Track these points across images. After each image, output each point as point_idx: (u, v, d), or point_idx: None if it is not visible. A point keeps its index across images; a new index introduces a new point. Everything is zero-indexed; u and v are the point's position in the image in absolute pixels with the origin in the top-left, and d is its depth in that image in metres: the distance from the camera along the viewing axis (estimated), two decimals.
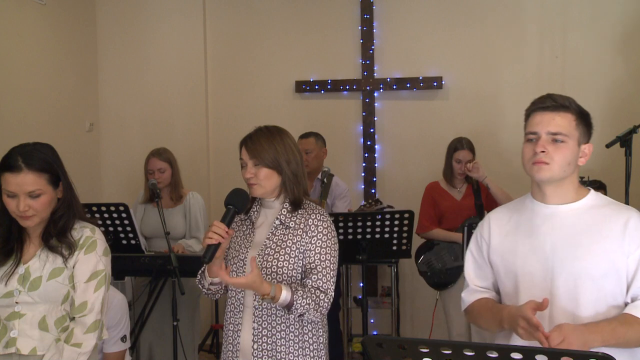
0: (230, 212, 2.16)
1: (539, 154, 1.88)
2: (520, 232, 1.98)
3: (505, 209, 2.11)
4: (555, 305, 1.87)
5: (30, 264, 2.16)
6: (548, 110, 1.92)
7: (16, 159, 2.09)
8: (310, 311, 2.15)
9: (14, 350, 2.10)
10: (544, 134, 1.90)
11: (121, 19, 5.41)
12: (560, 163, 1.89)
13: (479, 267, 2.10)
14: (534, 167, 1.90)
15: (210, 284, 2.27)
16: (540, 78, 4.98)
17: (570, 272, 1.86)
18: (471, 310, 2.10)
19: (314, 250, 2.22)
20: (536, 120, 1.93)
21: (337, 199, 4.22)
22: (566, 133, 1.90)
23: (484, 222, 2.11)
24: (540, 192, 1.97)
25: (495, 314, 1.94)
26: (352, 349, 4.89)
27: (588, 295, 1.86)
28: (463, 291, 2.14)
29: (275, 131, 2.30)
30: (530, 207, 2.00)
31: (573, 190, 1.95)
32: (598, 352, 1.32)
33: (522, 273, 1.94)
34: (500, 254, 2.01)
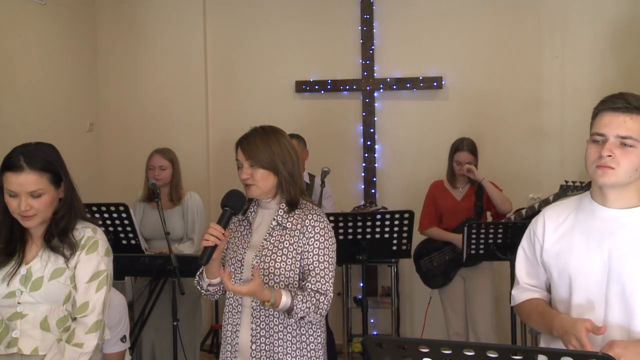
0: (227, 214, 2.16)
1: (605, 158, 1.78)
2: (576, 233, 1.90)
3: (562, 206, 2.01)
4: (609, 313, 1.81)
5: (32, 265, 2.16)
6: (619, 112, 1.80)
7: (18, 159, 2.09)
8: (310, 314, 2.16)
9: (15, 350, 2.11)
10: (612, 136, 1.79)
11: (121, 19, 5.41)
12: (627, 169, 1.78)
13: (530, 265, 2.04)
14: (598, 170, 1.80)
15: (208, 284, 2.27)
16: (540, 78, 4.99)
17: (627, 279, 1.79)
18: (521, 309, 2.05)
19: (311, 252, 2.22)
20: (605, 121, 1.82)
21: (324, 199, 4.21)
22: (637, 137, 1.77)
23: (539, 220, 2.02)
24: (601, 195, 1.87)
25: (547, 320, 1.88)
26: (352, 349, 4.89)
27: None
28: (513, 288, 2.08)
29: (270, 131, 2.29)
30: (589, 208, 1.91)
31: (635, 195, 1.85)
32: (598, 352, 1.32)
33: (576, 276, 1.87)
34: (555, 254, 1.94)
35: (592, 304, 1.83)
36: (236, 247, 2.30)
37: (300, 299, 2.13)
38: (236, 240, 2.32)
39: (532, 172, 4.93)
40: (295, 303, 2.11)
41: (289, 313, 2.14)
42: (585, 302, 1.84)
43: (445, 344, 1.35)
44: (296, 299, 2.12)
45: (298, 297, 2.13)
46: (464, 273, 4.15)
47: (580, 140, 5.20)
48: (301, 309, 2.13)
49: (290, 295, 2.12)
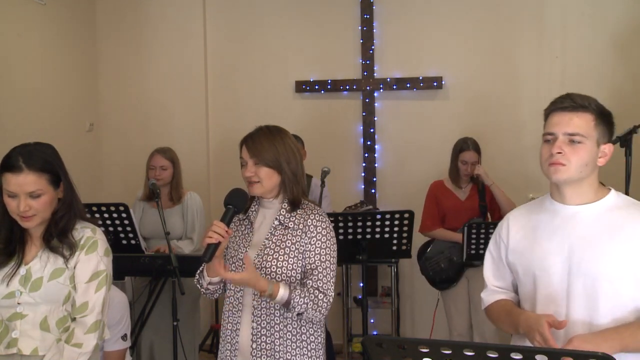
0: (230, 212, 2.17)
1: (556, 155, 1.86)
2: (539, 233, 1.97)
3: (524, 209, 2.09)
4: (572, 308, 1.87)
5: (32, 265, 2.16)
6: (566, 111, 1.89)
7: (17, 159, 2.09)
8: (308, 310, 2.16)
9: (15, 351, 2.11)
10: (561, 134, 1.88)
11: (121, 19, 5.41)
12: (577, 164, 1.86)
13: (497, 268, 2.11)
14: (551, 168, 1.88)
15: (208, 283, 2.28)
16: (540, 78, 4.99)
17: (588, 273, 1.85)
18: (490, 311, 2.10)
19: (313, 251, 2.22)
20: (554, 120, 1.91)
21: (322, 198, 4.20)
22: (584, 134, 1.86)
23: (503, 223, 2.10)
24: (558, 193, 1.95)
25: (513, 319, 1.94)
26: (352, 349, 4.89)
27: (606, 297, 1.84)
28: (482, 292, 2.14)
29: (275, 131, 2.30)
30: (549, 207, 1.98)
31: (592, 191, 1.93)
32: (598, 352, 1.32)
33: (540, 273, 1.93)
34: (519, 254, 2.00)
35: (555, 300, 1.89)
36: (237, 246, 2.31)
37: (298, 293, 2.14)
38: (237, 240, 2.32)
39: (532, 172, 4.93)
40: (293, 297, 2.12)
41: (286, 307, 2.14)
42: (549, 298, 1.90)
43: (445, 344, 1.35)
44: (294, 293, 2.13)
45: (296, 291, 2.14)
46: (468, 273, 4.12)
47: None
48: (299, 304, 2.13)
49: (288, 288, 2.13)
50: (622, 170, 3.65)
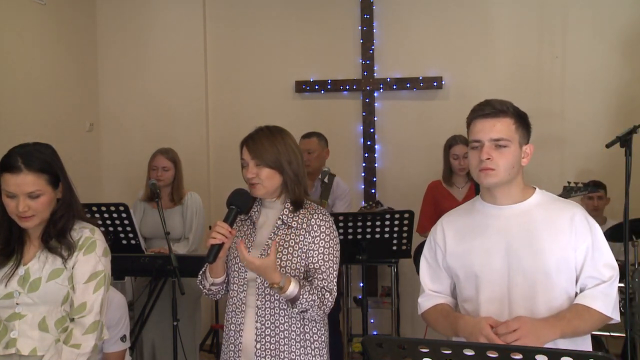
0: (233, 212, 2.17)
1: (485, 161, 1.95)
2: (474, 235, 2.04)
3: (456, 213, 2.17)
4: (513, 303, 1.94)
5: (30, 265, 2.16)
6: (488, 117, 1.98)
7: (16, 160, 2.08)
8: (314, 308, 2.15)
9: (14, 351, 2.11)
10: (486, 141, 1.96)
11: (121, 19, 5.41)
12: (506, 167, 1.96)
13: (433, 272, 2.15)
14: (481, 174, 1.96)
15: (211, 284, 2.28)
16: (540, 78, 4.99)
17: (526, 269, 1.94)
18: (428, 315, 2.14)
19: (317, 251, 2.22)
20: (478, 127, 1.99)
21: (338, 200, 4.22)
22: (508, 138, 1.96)
23: (437, 228, 2.16)
24: (490, 195, 2.04)
25: (452, 323, 2.00)
26: (352, 349, 4.89)
27: (543, 290, 1.93)
28: (420, 296, 2.17)
29: (276, 131, 2.30)
30: (481, 209, 2.07)
31: (519, 191, 2.03)
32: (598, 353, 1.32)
33: (481, 274, 2.00)
34: (458, 257, 2.06)
35: (498, 298, 1.97)
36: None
37: (307, 289, 2.13)
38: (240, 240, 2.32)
39: (532, 171, 4.91)
40: (302, 293, 2.11)
41: (293, 302, 2.13)
42: (492, 297, 1.97)
43: (445, 344, 1.35)
44: (304, 289, 2.12)
45: (306, 287, 2.13)
46: None
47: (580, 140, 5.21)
48: (306, 300, 2.12)
49: (298, 284, 2.12)
50: (622, 170, 3.64)
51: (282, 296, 2.14)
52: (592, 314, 1.91)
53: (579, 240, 1.94)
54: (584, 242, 1.95)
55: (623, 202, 3.30)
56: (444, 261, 2.11)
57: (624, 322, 3.21)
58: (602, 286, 1.93)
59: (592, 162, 4.78)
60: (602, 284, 1.93)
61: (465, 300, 2.07)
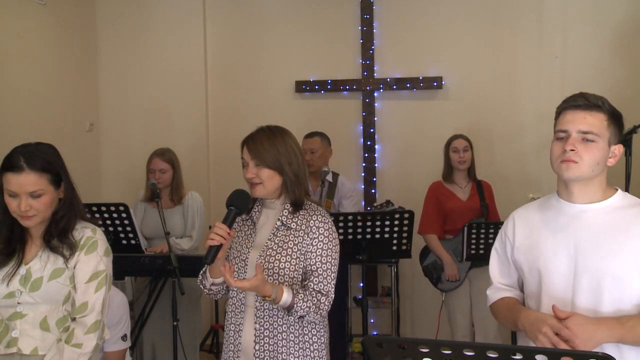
0: (232, 213, 2.16)
1: (568, 152, 1.86)
2: (545, 230, 1.97)
3: (530, 207, 2.09)
4: (577, 305, 1.87)
5: (32, 265, 2.16)
6: (580, 109, 1.90)
7: (18, 159, 2.09)
8: (310, 313, 2.16)
9: (15, 350, 2.11)
10: (574, 132, 1.88)
11: (121, 19, 5.41)
12: (589, 162, 1.87)
13: (502, 265, 2.11)
14: (562, 165, 1.88)
15: (211, 284, 2.28)
16: (540, 78, 4.99)
17: (594, 271, 1.86)
18: (495, 307, 2.11)
19: (315, 252, 2.22)
20: (567, 118, 1.91)
21: (344, 199, 4.22)
22: (597, 132, 1.87)
23: (509, 221, 2.10)
24: (566, 191, 1.95)
25: (514, 314, 1.95)
26: (352, 349, 4.89)
27: (611, 295, 1.85)
28: (488, 289, 2.15)
29: (277, 131, 2.29)
30: (556, 205, 1.99)
31: (600, 190, 1.93)
32: (598, 352, 1.32)
33: (545, 270, 1.94)
34: (524, 251, 2.01)
35: (560, 297, 1.90)
36: (240, 246, 2.31)
37: (301, 297, 2.13)
38: (240, 240, 2.32)
39: (533, 171, 4.93)
40: (296, 301, 2.12)
41: (289, 310, 2.14)
42: (554, 295, 1.91)
43: (445, 344, 1.35)
44: (297, 297, 2.13)
45: (299, 295, 2.14)
46: (471, 274, 4.08)
47: None
48: (301, 308, 2.13)
49: (291, 292, 2.12)
50: (622, 170, 3.65)
51: (277, 306, 2.15)
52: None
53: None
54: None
55: None
56: (512, 255, 2.06)
57: None
58: None
59: None
60: None
61: (528, 296, 2.02)
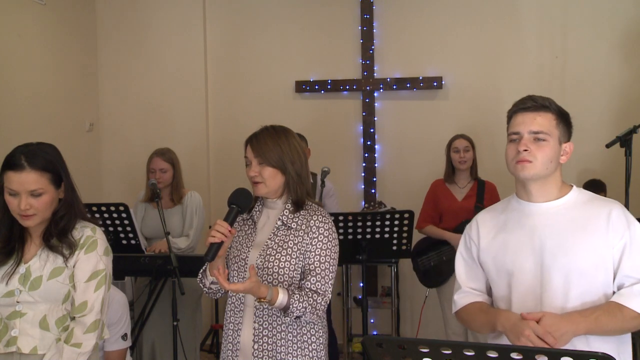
0: (233, 212, 2.17)
1: (522, 153, 1.95)
2: (508, 231, 2.02)
3: (492, 210, 2.15)
4: (546, 301, 1.92)
5: (31, 264, 2.16)
6: (529, 111, 1.99)
7: (19, 158, 2.10)
8: (306, 314, 2.16)
9: (14, 349, 2.11)
10: (526, 133, 1.97)
11: (121, 19, 5.41)
12: (543, 161, 1.95)
13: (470, 269, 2.14)
14: (518, 165, 1.96)
15: (211, 282, 2.28)
16: (540, 78, 4.99)
17: (561, 267, 1.91)
18: (464, 312, 2.13)
19: (314, 252, 2.22)
20: (518, 120, 2.00)
21: (326, 198, 4.20)
22: (547, 132, 1.96)
23: (472, 224, 2.15)
24: (525, 192, 2.02)
25: (491, 317, 1.97)
26: (352, 349, 4.89)
27: (578, 290, 1.91)
28: (455, 293, 2.16)
29: (280, 131, 2.30)
30: (516, 206, 2.05)
31: (556, 188, 2.01)
32: (598, 352, 1.32)
33: (514, 271, 1.98)
34: (492, 254, 2.05)
35: (530, 296, 1.94)
36: (240, 246, 2.31)
37: (297, 298, 2.13)
38: (240, 239, 2.32)
39: None
40: (292, 302, 2.12)
41: (285, 311, 2.14)
42: (524, 295, 1.95)
43: (445, 344, 1.35)
44: (293, 298, 2.13)
45: (295, 296, 2.13)
46: None
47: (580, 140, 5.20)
48: (297, 308, 2.13)
49: (287, 293, 2.12)
50: (622, 170, 3.64)
51: (273, 307, 2.15)
52: (626, 313, 1.86)
53: (615, 237, 1.90)
54: (621, 240, 1.90)
55: (623, 202, 3.29)
56: (478, 257, 2.09)
57: None
58: (639, 285, 1.88)
59: (592, 162, 4.78)
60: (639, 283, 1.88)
61: (498, 298, 2.05)
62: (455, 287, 2.18)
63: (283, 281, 2.20)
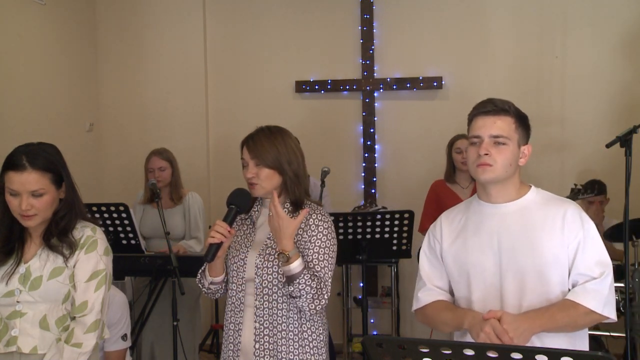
0: (233, 212, 2.17)
1: (483, 157, 1.98)
2: (469, 232, 2.07)
3: (455, 210, 2.20)
4: (505, 300, 1.97)
5: (31, 264, 2.16)
6: (489, 114, 2.03)
7: (20, 158, 2.10)
8: (307, 296, 2.12)
9: (14, 349, 2.11)
10: (486, 137, 2.00)
11: (121, 19, 5.41)
12: (503, 164, 1.98)
13: (434, 267, 2.17)
14: (479, 169, 1.99)
15: (210, 283, 2.28)
16: (540, 78, 4.99)
17: (518, 267, 1.96)
18: (427, 309, 2.16)
19: (312, 250, 2.21)
20: (478, 124, 2.03)
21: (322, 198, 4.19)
22: (507, 135, 2.00)
23: (436, 224, 2.20)
24: (485, 193, 2.07)
25: (458, 316, 2.01)
26: (352, 349, 4.89)
27: (533, 287, 1.95)
28: (419, 291, 2.20)
29: (276, 131, 2.30)
30: (477, 207, 2.10)
31: (515, 189, 2.05)
32: (598, 353, 1.32)
33: (473, 271, 2.02)
34: (453, 254, 2.09)
35: (490, 295, 1.99)
36: (239, 245, 2.31)
37: (309, 276, 2.12)
38: (239, 239, 2.32)
39: (532, 171, 4.93)
40: (304, 274, 2.10)
41: (289, 281, 2.12)
42: (484, 294, 2.00)
43: (445, 344, 1.35)
44: (306, 271, 2.12)
45: (309, 273, 2.13)
46: None
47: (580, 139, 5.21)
48: (304, 283, 2.10)
49: (304, 265, 2.12)
50: (622, 170, 3.64)
51: (284, 269, 2.12)
52: (579, 310, 1.91)
53: (570, 236, 1.95)
54: (575, 239, 1.95)
55: (623, 202, 3.30)
56: (441, 256, 2.14)
57: (624, 323, 3.21)
58: (591, 282, 1.93)
59: (592, 162, 4.78)
60: (592, 281, 1.93)
61: (459, 298, 2.10)
62: (417, 284, 2.22)
63: (283, 281, 2.20)
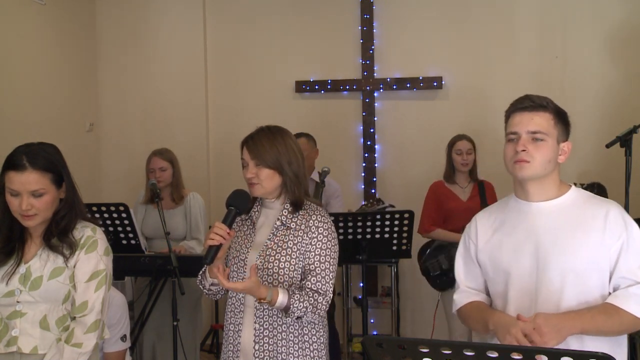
0: (232, 213, 2.16)
1: (520, 153, 1.95)
2: (506, 231, 2.03)
3: (490, 210, 2.17)
4: (541, 301, 1.93)
5: (31, 264, 2.16)
6: (527, 111, 1.99)
7: (21, 158, 2.10)
8: (307, 314, 2.16)
9: (15, 349, 2.11)
10: (524, 133, 1.97)
11: (121, 19, 5.42)
12: (541, 161, 1.95)
13: (468, 269, 2.15)
14: (516, 165, 1.96)
15: (211, 284, 2.27)
16: (540, 78, 4.99)
17: (556, 267, 1.92)
18: (463, 311, 2.14)
19: (313, 252, 2.22)
20: (516, 120, 2.01)
21: (332, 199, 4.20)
22: (545, 131, 1.96)
23: (471, 224, 2.16)
24: (523, 191, 2.02)
25: (485, 316, 1.99)
26: (352, 349, 4.89)
27: (572, 288, 1.91)
28: (455, 293, 2.17)
29: (276, 131, 2.29)
30: (514, 206, 2.05)
31: (555, 187, 2.01)
32: (598, 352, 1.32)
33: (510, 270, 1.99)
34: (488, 253, 2.06)
35: (526, 294, 1.95)
36: (239, 246, 2.30)
37: (297, 298, 2.13)
38: (239, 240, 2.32)
39: None
40: (292, 302, 2.12)
41: (285, 312, 2.14)
42: (521, 293, 1.96)
43: (445, 344, 1.35)
44: (293, 298, 2.12)
45: (295, 296, 2.13)
46: None
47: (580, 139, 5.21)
48: (298, 308, 2.13)
49: (287, 293, 2.12)
50: (622, 170, 3.65)
51: (273, 308, 2.15)
52: (622, 315, 1.85)
53: (612, 238, 1.90)
54: (618, 241, 1.89)
55: (623, 202, 3.30)
56: (476, 257, 2.10)
57: None
58: (635, 287, 1.87)
59: (592, 162, 4.78)
60: (636, 285, 1.87)
61: (495, 296, 2.06)
62: (455, 286, 2.19)
63: (283, 281, 2.20)
